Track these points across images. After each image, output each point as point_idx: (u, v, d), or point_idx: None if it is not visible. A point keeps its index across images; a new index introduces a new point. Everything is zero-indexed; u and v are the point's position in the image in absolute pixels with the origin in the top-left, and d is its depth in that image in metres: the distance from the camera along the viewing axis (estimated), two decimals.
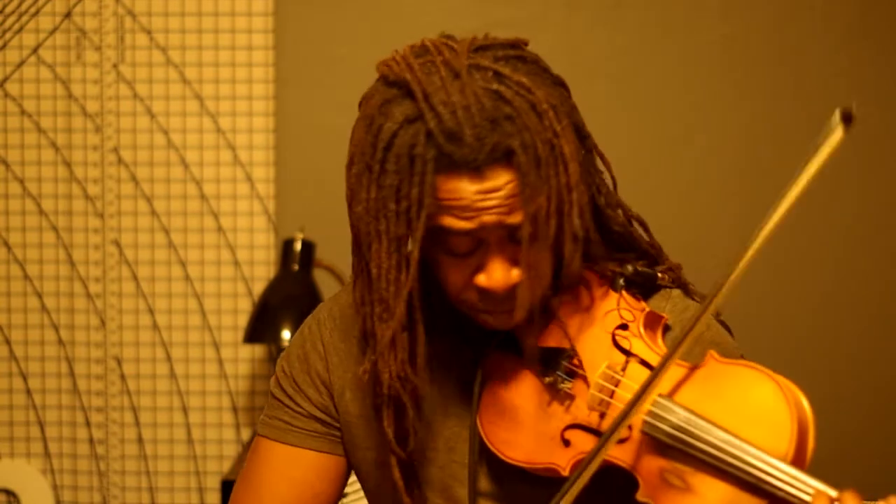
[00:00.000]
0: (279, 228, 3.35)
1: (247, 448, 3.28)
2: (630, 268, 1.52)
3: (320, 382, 1.63)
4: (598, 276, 1.53)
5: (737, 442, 1.34)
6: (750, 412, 1.36)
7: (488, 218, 1.40)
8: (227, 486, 3.03)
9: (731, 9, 3.36)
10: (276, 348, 3.34)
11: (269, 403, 1.67)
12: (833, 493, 1.30)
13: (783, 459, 1.33)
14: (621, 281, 1.51)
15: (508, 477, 1.51)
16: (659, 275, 1.55)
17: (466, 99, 1.38)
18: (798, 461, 1.34)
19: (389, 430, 1.51)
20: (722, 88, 3.36)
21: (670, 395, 1.40)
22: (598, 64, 3.31)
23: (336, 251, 3.30)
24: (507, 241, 1.43)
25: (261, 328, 3.14)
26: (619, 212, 1.56)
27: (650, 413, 1.39)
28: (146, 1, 3.32)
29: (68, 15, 3.33)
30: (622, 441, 1.40)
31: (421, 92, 1.39)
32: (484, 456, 1.52)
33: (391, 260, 1.43)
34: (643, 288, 1.53)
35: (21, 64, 3.33)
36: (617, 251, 1.56)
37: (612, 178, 1.58)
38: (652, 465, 1.38)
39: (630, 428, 1.40)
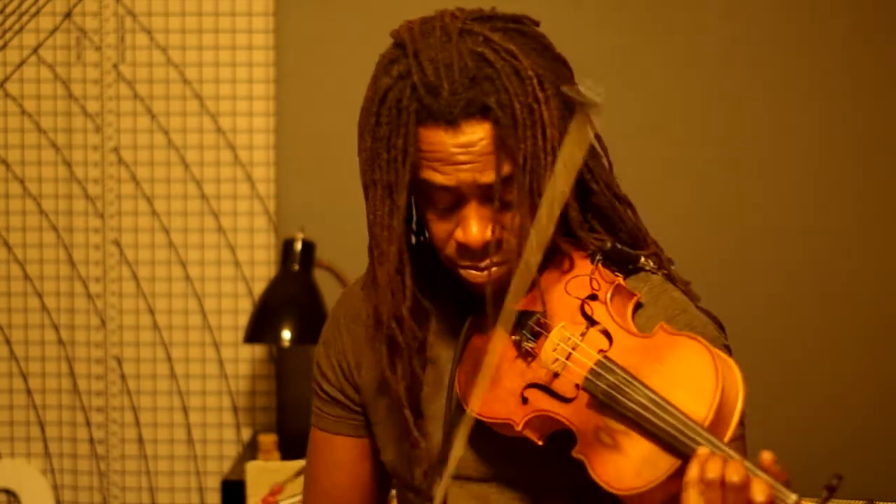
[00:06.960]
0: (279, 228, 3.35)
1: (247, 448, 3.28)
2: (609, 244, 1.57)
3: (336, 363, 1.70)
4: (577, 250, 1.58)
5: (660, 402, 1.39)
6: (681, 377, 1.42)
7: (464, 175, 1.48)
8: (227, 486, 3.03)
9: (733, 9, 3.36)
10: (276, 348, 3.34)
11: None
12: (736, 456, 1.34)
13: (701, 423, 1.37)
14: (599, 255, 1.56)
15: (481, 430, 1.55)
16: (642, 258, 1.59)
17: (451, 58, 1.47)
18: (716, 428, 1.37)
19: (389, 370, 1.57)
20: (722, 89, 3.36)
21: (615, 360, 1.45)
22: (598, 64, 3.31)
23: (336, 251, 3.30)
24: (485, 199, 1.50)
25: (261, 328, 3.14)
26: (605, 190, 1.60)
27: (592, 371, 1.45)
28: (146, 1, 3.32)
29: (68, 15, 3.33)
30: (568, 401, 1.47)
31: (413, 50, 1.49)
32: (460, 408, 1.58)
33: (384, 206, 1.53)
34: (622, 266, 1.57)
35: (21, 64, 3.33)
36: (601, 229, 1.60)
37: (609, 161, 1.62)
38: (590, 423, 1.45)
39: (577, 387, 1.46)
